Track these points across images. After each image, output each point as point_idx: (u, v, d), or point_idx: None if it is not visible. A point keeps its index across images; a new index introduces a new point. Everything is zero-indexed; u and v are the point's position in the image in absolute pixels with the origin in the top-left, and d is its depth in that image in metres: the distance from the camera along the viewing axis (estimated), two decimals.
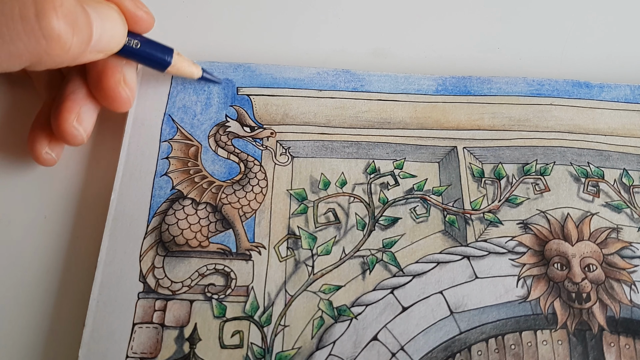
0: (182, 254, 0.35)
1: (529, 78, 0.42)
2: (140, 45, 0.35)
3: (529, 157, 0.39)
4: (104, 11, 0.32)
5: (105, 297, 0.34)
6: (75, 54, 0.31)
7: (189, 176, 0.38)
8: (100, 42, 0.32)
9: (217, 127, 0.39)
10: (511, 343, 0.34)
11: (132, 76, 0.36)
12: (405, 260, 0.36)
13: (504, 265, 0.36)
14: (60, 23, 0.29)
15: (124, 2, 0.34)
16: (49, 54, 0.29)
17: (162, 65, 0.37)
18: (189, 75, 0.39)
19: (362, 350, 0.33)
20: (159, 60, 0.37)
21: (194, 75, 0.39)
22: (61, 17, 0.29)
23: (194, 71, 0.39)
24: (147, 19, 0.35)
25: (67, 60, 0.31)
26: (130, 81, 0.36)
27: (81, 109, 0.35)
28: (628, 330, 0.34)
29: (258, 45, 0.45)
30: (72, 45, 0.30)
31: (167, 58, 0.37)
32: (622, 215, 0.38)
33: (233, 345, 0.33)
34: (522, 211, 0.37)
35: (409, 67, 0.44)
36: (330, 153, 0.39)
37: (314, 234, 0.36)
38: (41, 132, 0.36)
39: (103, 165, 0.39)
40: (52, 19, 0.28)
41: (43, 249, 0.36)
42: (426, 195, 0.38)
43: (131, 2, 0.34)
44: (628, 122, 0.41)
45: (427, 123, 0.40)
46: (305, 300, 0.34)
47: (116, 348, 0.32)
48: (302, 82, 0.41)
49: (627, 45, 0.46)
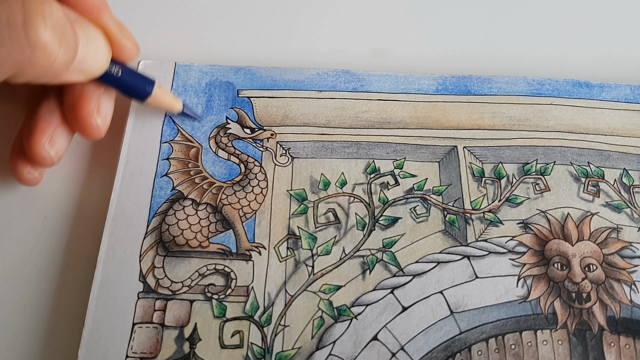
0: (182, 254, 0.35)
1: (529, 78, 0.42)
2: (121, 73, 0.35)
3: (529, 156, 0.39)
4: (90, 32, 0.32)
5: (105, 297, 0.34)
6: (60, 68, 0.30)
7: (190, 177, 0.38)
8: (84, 63, 0.31)
9: (218, 128, 0.39)
10: (511, 343, 0.34)
11: (108, 106, 0.35)
12: (405, 260, 0.36)
13: (504, 265, 0.36)
14: (48, 33, 0.28)
15: (110, 28, 0.33)
16: (32, 64, 0.28)
17: (141, 95, 0.36)
18: (169, 108, 0.39)
19: (362, 350, 0.33)
20: (139, 90, 0.36)
21: (174, 109, 0.39)
22: (49, 28, 0.28)
23: (174, 105, 0.38)
24: (131, 48, 0.35)
25: (50, 74, 0.30)
26: (104, 111, 0.35)
27: (55, 131, 0.35)
28: (628, 330, 0.34)
29: (258, 45, 0.45)
30: (57, 57, 0.29)
31: (148, 88, 0.36)
32: (622, 215, 0.37)
33: (233, 345, 0.33)
34: (522, 211, 0.37)
35: (409, 67, 0.44)
36: (330, 153, 0.39)
37: (314, 234, 0.36)
38: (20, 154, 0.35)
39: (103, 165, 0.39)
40: (39, 28, 0.28)
41: (43, 249, 0.36)
42: (426, 195, 0.38)
43: (118, 30, 0.34)
44: (628, 122, 0.41)
45: (427, 123, 0.40)
46: (305, 300, 0.34)
47: (116, 348, 0.32)
48: (302, 84, 0.41)
49: (627, 45, 0.46)
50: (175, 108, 0.39)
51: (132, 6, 0.46)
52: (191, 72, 0.41)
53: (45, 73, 0.30)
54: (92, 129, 0.35)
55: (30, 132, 0.34)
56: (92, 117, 0.34)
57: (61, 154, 0.36)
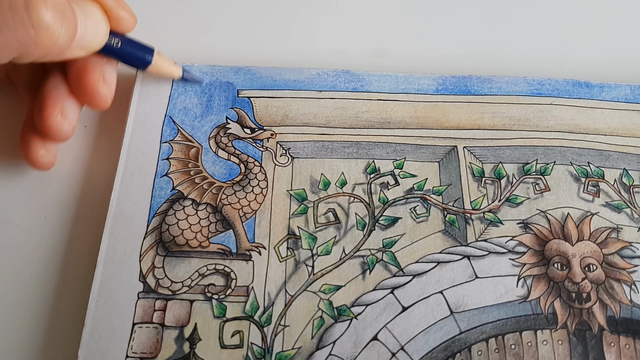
0: (182, 254, 0.35)
1: (529, 78, 0.42)
2: (121, 44, 0.36)
3: (529, 156, 0.39)
4: (87, 8, 0.33)
5: (105, 297, 0.34)
6: (62, 46, 0.31)
7: (190, 177, 0.38)
8: (84, 39, 0.32)
9: (218, 128, 0.40)
10: (511, 343, 0.34)
11: (112, 75, 0.36)
12: (405, 260, 0.36)
13: (504, 265, 0.36)
14: (49, 14, 0.29)
15: (106, 1, 0.34)
16: (37, 44, 0.30)
17: (142, 64, 0.37)
18: (170, 75, 0.40)
19: (362, 350, 0.33)
20: (139, 59, 0.37)
21: (175, 75, 0.40)
22: (50, 8, 0.29)
23: (174, 71, 0.39)
24: (128, 18, 0.35)
25: (54, 53, 0.31)
26: (109, 79, 0.36)
27: (64, 104, 0.35)
28: (628, 330, 0.34)
29: (258, 45, 0.45)
30: (60, 36, 0.30)
31: (148, 57, 0.37)
32: (622, 215, 0.37)
33: (233, 345, 0.33)
34: (522, 211, 0.37)
35: (409, 67, 0.44)
36: (330, 153, 0.39)
37: (314, 234, 0.36)
38: (33, 135, 0.36)
39: (103, 165, 0.39)
40: (41, 10, 0.29)
41: (43, 249, 0.36)
42: (426, 195, 0.38)
43: (114, 2, 0.34)
44: (628, 122, 0.41)
45: (427, 123, 0.40)
46: (305, 300, 0.34)
47: (116, 348, 0.32)
48: (302, 84, 0.41)
49: (627, 45, 0.46)
50: (175, 74, 0.40)
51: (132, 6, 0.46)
52: (191, 72, 0.41)
53: (49, 52, 0.31)
54: (100, 97, 0.36)
55: (42, 108, 0.35)
56: (99, 84, 0.35)
57: (74, 125, 0.36)
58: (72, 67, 0.35)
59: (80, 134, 0.40)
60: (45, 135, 0.36)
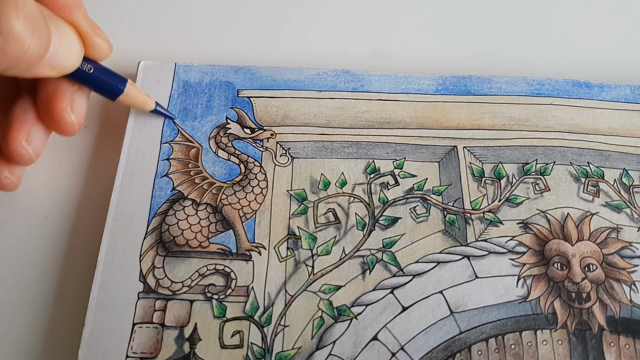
0: (182, 254, 0.35)
1: (529, 78, 0.42)
2: (93, 70, 0.35)
3: (529, 156, 0.39)
4: (62, 28, 0.32)
5: (105, 297, 0.34)
6: (31, 60, 0.30)
7: (190, 177, 0.38)
8: (56, 58, 0.32)
9: (218, 129, 0.40)
10: (511, 343, 0.34)
11: (81, 104, 0.36)
12: (405, 260, 0.36)
13: (504, 265, 0.36)
14: (20, 23, 0.28)
15: (83, 27, 0.33)
16: (4, 53, 0.29)
17: (113, 93, 0.36)
18: (142, 106, 0.38)
19: (362, 350, 0.33)
20: (110, 87, 0.36)
21: (147, 107, 0.38)
22: (22, 17, 0.28)
23: (147, 103, 0.38)
24: (104, 46, 0.35)
25: (22, 65, 0.30)
26: (78, 108, 0.35)
27: (31, 129, 0.35)
28: (628, 330, 0.34)
29: (258, 45, 0.45)
30: (29, 47, 0.29)
31: (120, 86, 0.36)
32: (622, 215, 0.37)
33: (233, 345, 0.33)
34: (522, 211, 0.37)
35: (409, 67, 0.44)
36: (330, 153, 0.39)
37: (314, 234, 0.36)
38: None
39: (103, 165, 0.39)
40: (11, 17, 0.28)
41: (43, 249, 0.36)
42: (426, 195, 0.38)
43: (90, 28, 0.34)
44: (628, 122, 0.41)
45: (427, 123, 0.40)
46: (305, 300, 0.34)
47: (116, 348, 0.32)
48: (302, 84, 0.41)
49: (627, 45, 0.46)
50: (147, 106, 0.39)
51: (132, 6, 0.46)
52: (191, 72, 0.41)
53: (17, 63, 0.30)
54: (66, 125, 0.35)
55: (7, 131, 0.34)
56: (65, 113, 0.35)
57: (39, 152, 0.36)
58: (42, 91, 0.35)
59: (80, 134, 0.40)
60: (8, 160, 0.35)
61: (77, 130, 0.36)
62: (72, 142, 0.39)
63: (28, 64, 0.30)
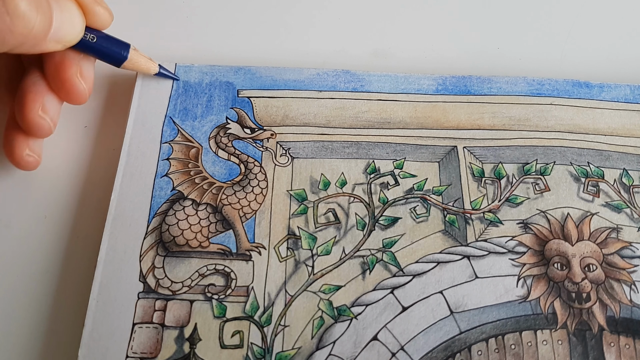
0: (182, 254, 0.35)
1: (529, 78, 0.42)
2: (97, 39, 0.36)
3: (529, 156, 0.39)
4: (62, 2, 0.33)
5: (105, 297, 0.34)
6: (38, 35, 0.31)
7: (190, 177, 0.38)
8: (59, 32, 0.33)
9: (218, 129, 0.40)
10: (511, 343, 0.34)
11: (89, 70, 0.37)
12: (405, 260, 0.36)
13: (504, 265, 0.36)
14: (24, 2, 0.29)
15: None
16: (12, 32, 0.30)
17: (118, 60, 0.37)
18: (146, 71, 0.40)
19: (362, 350, 0.33)
20: (114, 54, 0.37)
21: (151, 71, 0.40)
22: None
23: (150, 67, 0.39)
24: (104, 14, 0.36)
25: (29, 42, 0.31)
26: (86, 74, 0.36)
27: (44, 98, 0.36)
28: (628, 330, 0.34)
29: (258, 46, 0.45)
30: (35, 24, 0.30)
31: (123, 53, 0.37)
32: (622, 215, 0.37)
33: (233, 345, 0.33)
34: (522, 211, 0.37)
35: (409, 67, 0.44)
36: (330, 153, 0.39)
37: (314, 234, 0.36)
38: (16, 135, 0.36)
39: (103, 165, 0.39)
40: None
41: (43, 249, 0.36)
42: (426, 195, 0.38)
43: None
44: (628, 122, 0.41)
45: (427, 123, 0.40)
46: (305, 300, 0.34)
47: (116, 348, 0.32)
48: (302, 84, 0.41)
49: (627, 45, 0.46)
50: (151, 70, 0.40)
51: (132, 6, 0.46)
52: (191, 72, 0.41)
53: (24, 41, 0.31)
54: (77, 91, 0.36)
55: (23, 104, 0.35)
56: (76, 79, 0.35)
57: (55, 121, 0.36)
58: (49, 62, 0.36)
59: (80, 134, 0.40)
60: (27, 132, 0.36)
61: (88, 97, 0.37)
62: (72, 142, 0.39)
63: (34, 41, 0.31)
